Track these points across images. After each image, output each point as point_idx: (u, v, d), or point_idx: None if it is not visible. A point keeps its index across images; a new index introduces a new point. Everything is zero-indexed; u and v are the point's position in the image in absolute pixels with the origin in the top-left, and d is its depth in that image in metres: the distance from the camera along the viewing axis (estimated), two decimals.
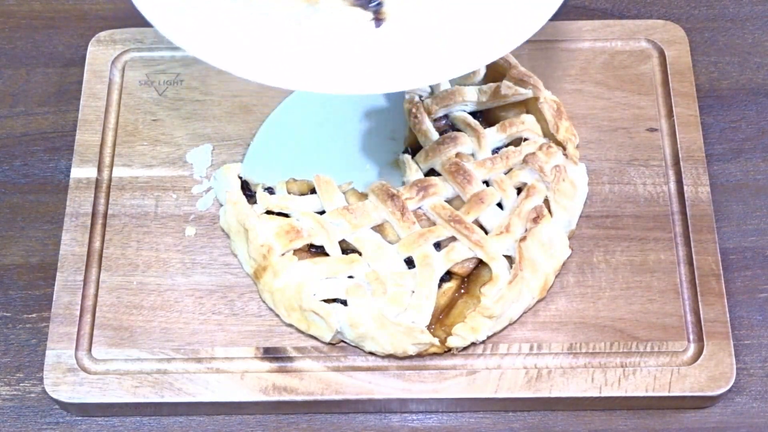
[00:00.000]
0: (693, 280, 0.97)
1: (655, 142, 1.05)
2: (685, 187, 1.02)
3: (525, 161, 0.98)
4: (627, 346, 0.94)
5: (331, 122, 1.07)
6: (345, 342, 0.95)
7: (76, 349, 0.95)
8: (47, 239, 1.04)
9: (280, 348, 0.95)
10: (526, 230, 0.95)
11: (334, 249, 0.95)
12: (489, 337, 0.94)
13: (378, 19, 0.84)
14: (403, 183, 1.00)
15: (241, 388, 0.93)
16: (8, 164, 1.10)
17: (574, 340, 0.94)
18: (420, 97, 1.03)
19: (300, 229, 0.95)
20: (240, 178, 1.01)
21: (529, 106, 1.03)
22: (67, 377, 0.94)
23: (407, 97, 1.03)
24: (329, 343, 0.95)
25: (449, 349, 0.93)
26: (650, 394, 0.92)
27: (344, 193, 0.99)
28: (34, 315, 1.00)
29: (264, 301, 0.96)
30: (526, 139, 1.01)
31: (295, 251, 0.95)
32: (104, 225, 1.02)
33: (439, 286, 0.94)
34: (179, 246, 1.01)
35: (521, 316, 0.95)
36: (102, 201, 1.03)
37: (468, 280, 0.96)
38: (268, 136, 1.06)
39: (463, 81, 1.04)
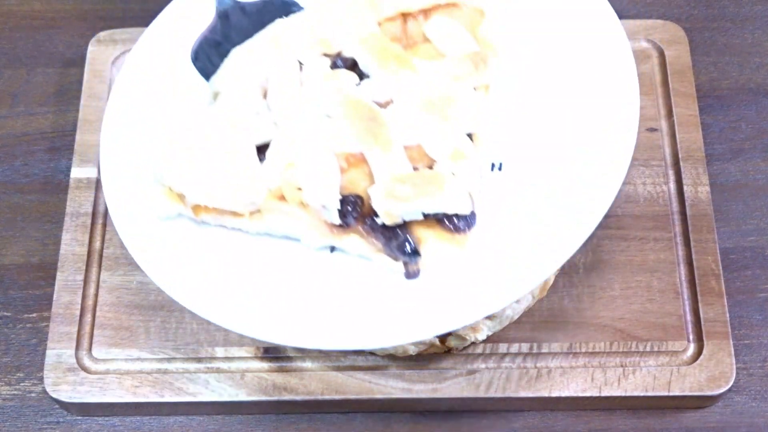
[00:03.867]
0: (693, 279, 0.97)
1: (655, 142, 1.05)
2: (685, 187, 1.02)
3: None
4: (627, 345, 0.94)
5: None
6: None
7: (77, 348, 0.95)
8: (47, 239, 1.04)
9: (280, 348, 0.95)
10: None
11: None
12: (489, 337, 0.94)
13: (411, 272, 0.82)
14: None
15: (241, 388, 0.93)
16: (8, 164, 1.10)
17: (573, 340, 0.94)
18: None
19: None
20: None
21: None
22: (67, 377, 0.94)
23: None
24: None
25: (449, 349, 0.93)
26: (650, 393, 0.92)
27: None
28: (34, 315, 1.01)
29: None
30: None
31: None
32: (104, 225, 1.02)
33: None
34: None
35: (521, 315, 0.95)
36: (102, 201, 1.03)
37: None
38: None
39: None
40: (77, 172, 1.04)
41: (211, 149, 0.85)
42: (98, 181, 1.04)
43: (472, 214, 0.81)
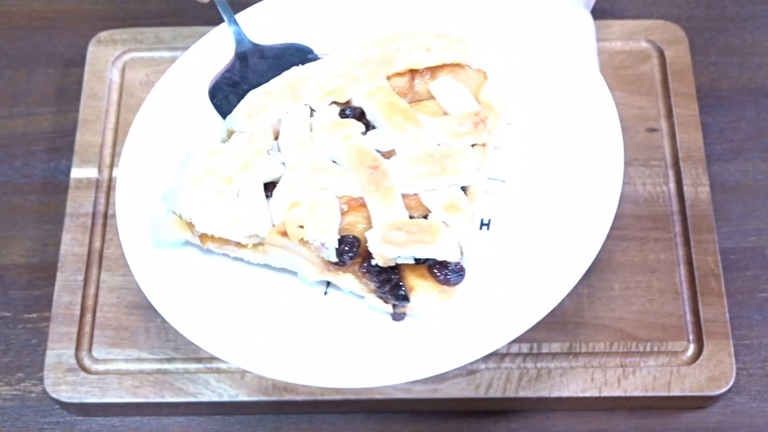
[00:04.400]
0: (693, 280, 0.97)
1: (655, 142, 1.05)
2: (685, 187, 1.02)
3: None
4: (626, 346, 0.94)
5: None
6: None
7: (77, 348, 0.95)
8: (47, 239, 1.04)
9: None
10: None
11: None
12: None
13: (398, 314, 0.86)
14: None
15: (241, 388, 0.93)
16: (8, 164, 1.10)
17: (573, 340, 0.94)
18: None
19: None
20: None
21: None
22: (67, 377, 0.94)
23: None
24: None
25: None
26: (650, 394, 0.92)
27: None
28: (34, 315, 1.01)
29: None
30: None
31: None
32: (104, 225, 1.02)
33: None
34: None
35: None
36: (102, 201, 1.03)
37: None
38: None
39: None
40: (77, 173, 1.04)
41: (222, 183, 0.89)
42: (98, 181, 1.04)
43: (462, 270, 0.85)
